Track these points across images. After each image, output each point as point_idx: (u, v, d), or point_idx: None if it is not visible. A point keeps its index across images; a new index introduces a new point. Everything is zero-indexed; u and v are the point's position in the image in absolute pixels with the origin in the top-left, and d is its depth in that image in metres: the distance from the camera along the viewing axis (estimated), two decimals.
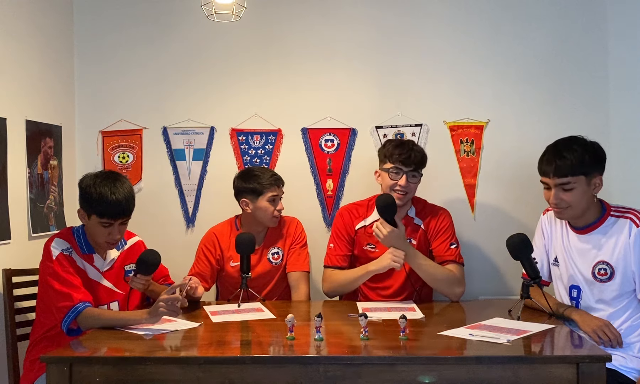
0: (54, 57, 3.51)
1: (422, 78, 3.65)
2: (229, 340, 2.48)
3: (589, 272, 2.58)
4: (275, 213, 3.21)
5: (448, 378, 2.12)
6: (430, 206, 3.19)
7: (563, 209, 2.58)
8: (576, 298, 2.63)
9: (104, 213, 2.64)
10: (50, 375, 2.17)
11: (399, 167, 3.00)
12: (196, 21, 3.62)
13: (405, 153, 3.00)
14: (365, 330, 2.32)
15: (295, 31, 3.70)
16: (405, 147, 3.03)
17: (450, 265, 3.03)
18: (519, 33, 3.61)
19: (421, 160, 3.05)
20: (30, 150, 3.19)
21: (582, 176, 2.54)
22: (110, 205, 2.63)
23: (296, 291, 3.22)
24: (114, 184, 2.66)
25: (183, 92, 3.74)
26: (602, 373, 2.07)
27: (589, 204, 2.58)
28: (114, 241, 2.72)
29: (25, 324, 2.90)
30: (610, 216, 2.59)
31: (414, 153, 3.02)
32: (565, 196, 2.55)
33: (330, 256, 3.16)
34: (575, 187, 2.53)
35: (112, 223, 2.66)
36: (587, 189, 2.55)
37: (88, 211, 2.68)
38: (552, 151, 2.61)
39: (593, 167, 2.56)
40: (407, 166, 3.00)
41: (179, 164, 3.74)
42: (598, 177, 2.58)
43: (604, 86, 3.56)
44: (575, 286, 2.63)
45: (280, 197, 3.24)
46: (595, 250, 2.57)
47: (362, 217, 3.17)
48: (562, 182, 2.54)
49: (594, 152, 2.58)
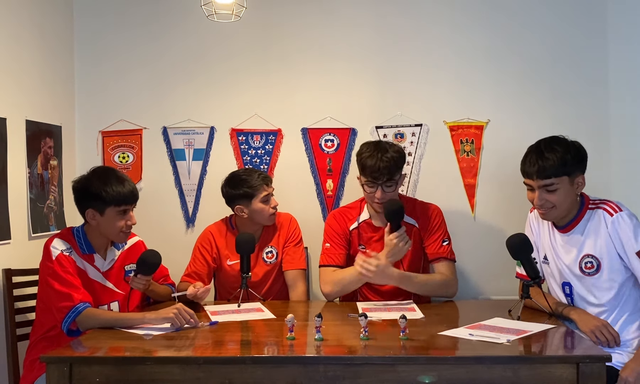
0: (54, 57, 3.51)
1: (422, 78, 3.65)
2: (229, 340, 2.48)
3: (576, 267, 2.61)
4: (271, 211, 3.21)
5: (448, 378, 2.12)
6: (420, 204, 3.19)
7: (548, 209, 2.60)
8: (570, 294, 2.65)
9: (121, 200, 2.70)
10: (50, 375, 2.17)
11: (371, 181, 2.97)
12: (196, 21, 3.62)
13: (375, 165, 2.92)
14: (365, 330, 2.32)
15: (296, 31, 3.70)
16: (375, 158, 2.93)
17: (441, 263, 3.05)
18: (519, 33, 3.61)
19: (393, 168, 2.95)
20: (30, 150, 3.19)
21: (565, 176, 2.56)
22: (124, 191, 2.71)
23: (294, 289, 3.22)
24: (114, 175, 2.74)
25: (183, 92, 3.74)
26: (602, 373, 2.07)
27: (572, 203, 2.61)
28: (132, 225, 2.78)
29: (25, 324, 2.90)
30: (587, 210, 2.63)
31: (384, 163, 2.92)
32: (549, 197, 2.57)
33: (327, 255, 3.13)
34: (559, 188, 2.56)
35: (128, 209, 2.74)
36: (570, 189, 2.58)
37: (101, 207, 2.69)
38: (534, 152, 2.62)
39: (575, 167, 2.58)
40: (379, 179, 2.95)
41: (179, 164, 3.74)
42: (580, 176, 2.61)
43: (604, 86, 3.56)
44: (567, 283, 2.66)
45: (271, 194, 3.23)
46: (579, 245, 2.61)
47: (353, 219, 3.17)
48: (546, 183, 2.56)
49: (576, 152, 2.60)
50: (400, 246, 2.89)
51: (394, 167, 2.97)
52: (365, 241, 3.13)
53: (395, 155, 2.99)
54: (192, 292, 2.87)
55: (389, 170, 2.95)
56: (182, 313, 2.53)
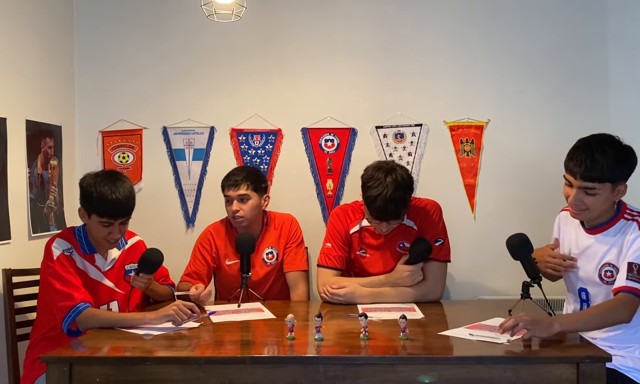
0: (54, 57, 3.52)
1: (422, 78, 3.65)
2: (229, 340, 2.48)
3: (595, 274, 2.51)
4: (232, 214, 3.14)
5: (448, 378, 2.12)
6: (419, 202, 3.10)
7: (581, 211, 2.47)
8: (586, 300, 2.58)
9: (104, 213, 2.64)
10: (50, 375, 2.17)
11: (376, 220, 2.90)
12: (196, 21, 3.62)
13: (381, 208, 2.81)
14: (365, 330, 2.32)
15: (296, 32, 3.70)
16: (381, 199, 2.79)
17: (431, 264, 2.98)
18: (520, 33, 3.61)
19: (398, 210, 2.85)
20: (30, 150, 3.19)
21: (609, 184, 2.40)
22: (110, 204, 2.62)
23: (295, 290, 3.22)
24: (114, 184, 2.65)
25: (183, 92, 3.74)
26: (602, 373, 2.07)
27: (608, 209, 2.48)
28: (114, 240, 2.72)
29: (25, 324, 2.90)
30: (622, 218, 2.49)
31: (392, 207, 2.81)
32: (587, 199, 2.43)
33: (326, 255, 3.09)
34: (599, 193, 2.40)
35: (112, 223, 2.66)
36: (610, 196, 2.43)
37: (88, 210, 2.68)
38: (583, 149, 2.42)
39: (622, 175, 2.42)
40: (384, 219, 2.88)
41: (179, 164, 3.75)
42: (623, 184, 2.44)
43: (604, 86, 3.57)
44: (584, 289, 2.58)
45: (234, 198, 3.13)
46: (603, 252, 2.50)
47: (355, 222, 3.13)
48: (587, 186, 2.40)
49: (627, 159, 2.42)
50: (409, 280, 2.91)
51: (400, 207, 2.85)
52: (366, 246, 3.11)
53: (402, 193, 2.84)
54: (195, 293, 2.87)
55: (395, 213, 2.85)
56: (182, 308, 2.53)
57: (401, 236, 3.05)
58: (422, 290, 2.95)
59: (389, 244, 3.05)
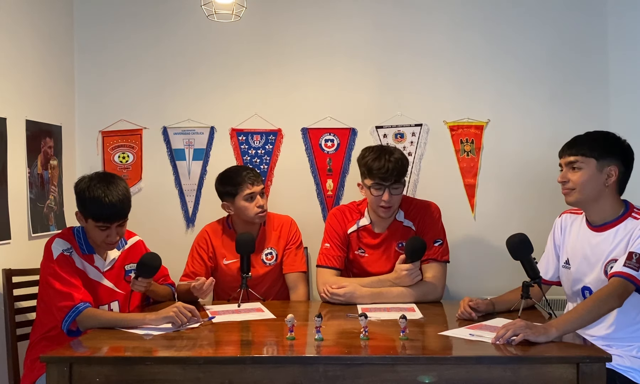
0: (54, 57, 3.52)
1: (422, 78, 3.66)
2: (229, 340, 2.48)
3: (600, 271, 2.51)
4: (257, 210, 3.15)
5: (448, 378, 2.11)
6: (418, 203, 3.14)
7: (569, 190, 2.53)
8: None
9: (99, 217, 2.63)
10: (50, 375, 2.17)
11: (379, 183, 2.94)
12: (196, 21, 3.62)
13: (384, 167, 2.90)
14: (365, 330, 2.32)
15: (296, 32, 3.70)
16: (383, 159, 2.91)
17: (430, 265, 2.99)
18: (519, 33, 3.61)
19: (401, 169, 2.94)
20: (30, 150, 3.19)
21: (593, 159, 2.48)
22: (105, 209, 2.61)
23: (295, 292, 3.22)
24: (107, 187, 2.63)
25: (183, 92, 3.74)
26: (602, 373, 2.07)
27: (599, 194, 2.50)
28: (112, 242, 2.71)
29: (25, 324, 2.90)
30: (630, 217, 2.49)
31: (392, 164, 2.90)
32: (571, 175, 2.51)
33: (325, 256, 3.10)
34: (582, 168, 2.48)
35: (109, 226, 2.65)
36: (596, 175, 2.48)
37: (84, 214, 2.67)
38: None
39: (606, 154, 2.48)
40: (387, 181, 2.92)
41: (179, 164, 3.75)
42: (612, 167, 2.48)
43: (604, 86, 3.57)
44: (587, 287, 2.57)
45: (257, 193, 3.15)
46: (608, 249, 2.50)
47: (353, 222, 3.14)
48: (570, 160, 2.51)
49: (614, 143, 2.51)
50: (408, 279, 2.91)
51: (402, 168, 2.95)
52: (365, 245, 3.11)
53: (401, 157, 2.98)
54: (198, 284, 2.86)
55: (398, 171, 2.93)
56: (182, 310, 2.53)
57: (400, 236, 3.06)
58: (422, 290, 2.95)
59: (388, 244, 3.06)
